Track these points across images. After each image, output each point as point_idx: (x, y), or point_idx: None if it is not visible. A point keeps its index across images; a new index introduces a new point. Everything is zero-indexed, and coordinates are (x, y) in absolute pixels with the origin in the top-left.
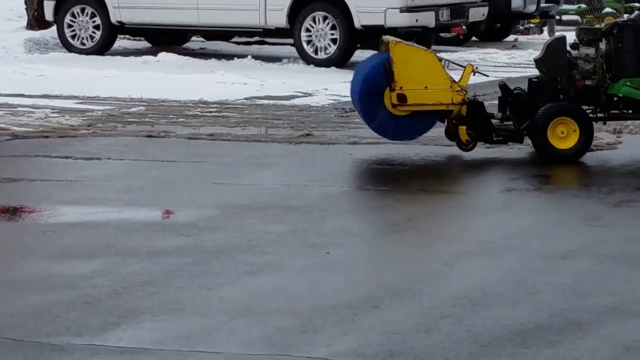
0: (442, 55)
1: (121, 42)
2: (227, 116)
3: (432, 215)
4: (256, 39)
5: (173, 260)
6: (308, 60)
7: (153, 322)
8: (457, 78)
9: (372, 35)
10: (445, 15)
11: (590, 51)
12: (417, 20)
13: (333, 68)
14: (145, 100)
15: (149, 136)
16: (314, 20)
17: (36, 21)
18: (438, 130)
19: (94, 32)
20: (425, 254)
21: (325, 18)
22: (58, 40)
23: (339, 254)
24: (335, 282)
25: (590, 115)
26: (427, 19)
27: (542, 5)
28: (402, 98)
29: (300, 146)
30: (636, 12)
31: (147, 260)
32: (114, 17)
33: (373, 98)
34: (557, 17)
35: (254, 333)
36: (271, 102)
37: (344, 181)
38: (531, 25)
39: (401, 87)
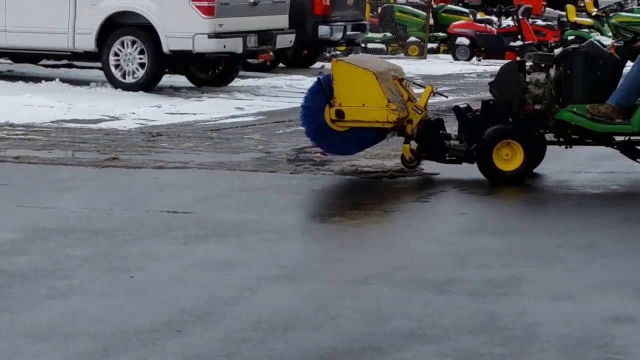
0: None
1: None
2: (34, 139)
3: (235, 239)
4: (64, 62)
5: None
6: (116, 84)
7: None
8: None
9: (181, 60)
10: (253, 41)
11: (541, 76)
12: (225, 46)
13: (141, 92)
14: None
15: None
16: (122, 44)
17: None
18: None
19: None
20: (228, 278)
21: (133, 42)
22: None
23: (142, 277)
24: (137, 306)
25: (555, 140)
26: (235, 45)
27: (349, 33)
28: (340, 114)
29: (106, 170)
30: (590, 40)
31: None
32: None
33: (314, 114)
34: (363, 45)
35: (55, 357)
36: (78, 125)
37: (149, 205)
38: (337, 52)
39: (340, 104)
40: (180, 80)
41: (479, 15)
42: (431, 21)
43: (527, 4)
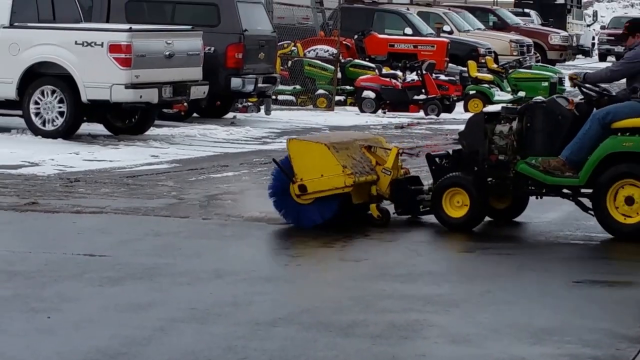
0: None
1: None
2: None
3: (149, 282)
4: None
5: None
6: (36, 131)
7: None
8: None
9: (99, 109)
10: (168, 92)
11: (505, 128)
12: (141, 97)
13: (60, 139)
14: None
15: None
16: (42, 93)
17: None
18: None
19: None
20: (141, 319)
21: (53, 92)
22: None
23: (58, 318)
24: (54, 346)
25: (533, 189)
26: (151, 96)
27: (260, 85)
28: (302, 188)
29: (25, 214)
30: (552, 96)
31: None
32: None
33: (282, 195)
34: (274, 97)
35: None
36: None
37: (66, 248)
38: (249, 103)
39: (301, 179)
40: (98, 128)
41: (385, 70)
42: (339, 75)
43: (431, 60)
